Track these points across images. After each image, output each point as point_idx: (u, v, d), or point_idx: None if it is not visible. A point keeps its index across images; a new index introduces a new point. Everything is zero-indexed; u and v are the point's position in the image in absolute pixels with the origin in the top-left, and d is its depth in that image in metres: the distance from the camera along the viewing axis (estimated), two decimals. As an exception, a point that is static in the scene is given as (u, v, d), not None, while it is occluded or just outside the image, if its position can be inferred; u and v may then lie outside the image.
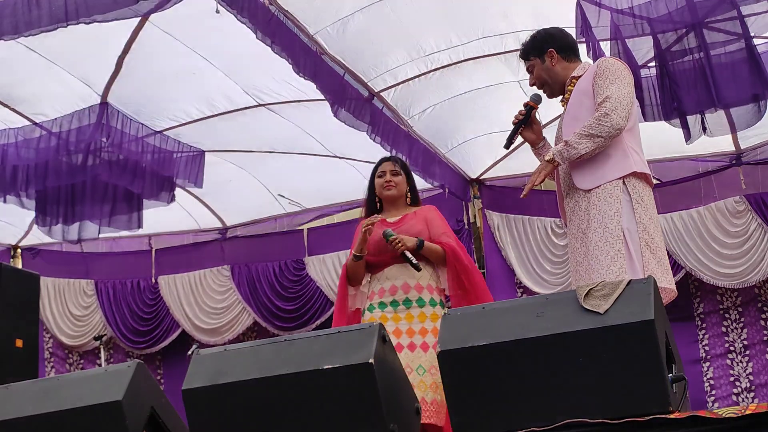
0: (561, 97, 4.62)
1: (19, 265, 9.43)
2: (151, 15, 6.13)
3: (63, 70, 6.95)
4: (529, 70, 4.64)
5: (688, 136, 6.38)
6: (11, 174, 7.49)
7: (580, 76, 4.52)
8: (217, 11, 5.18)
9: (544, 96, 4.70)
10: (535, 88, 4.67)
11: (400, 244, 4.99)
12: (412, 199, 5.39)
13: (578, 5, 6.16)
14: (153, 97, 7.45)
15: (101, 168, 7.58)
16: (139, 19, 6.26)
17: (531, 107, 4.59)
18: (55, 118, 7.36)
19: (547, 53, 4.56)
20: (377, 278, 5.18)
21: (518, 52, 4.71)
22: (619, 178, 4.31)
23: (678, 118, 6.25)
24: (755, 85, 6.00)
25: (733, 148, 8.35)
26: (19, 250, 9.72)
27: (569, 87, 4.54)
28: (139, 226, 8.42)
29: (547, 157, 4.37)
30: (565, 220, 4.59)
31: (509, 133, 4.59)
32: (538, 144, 4.65)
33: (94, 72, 7.05)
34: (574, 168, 4.37)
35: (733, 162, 8.42)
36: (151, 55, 6.79)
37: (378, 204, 5.36)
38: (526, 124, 4.60)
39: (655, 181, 8.69)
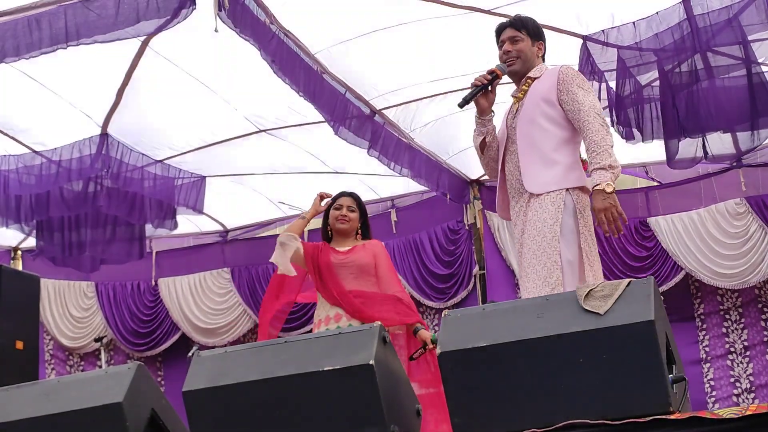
0: (515, 90, 4.59)
1: (20, 267, 9.42)
2: (150, 41, 6.17)
3: (63, 100, 6.94)
4: (515, 39, 4.56)
5: (669, 156, 6.38)
6: (15, 203, 7.53)
7: (536, 78, 4.53)
8: (216, 30, 5.18)
9: None
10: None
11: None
12: (363, 234, 5.69)
13: (584, 44, 6.19)
14: (153, 127, 7.47)
15: (102, 199, 7.62)
16: (139, 45, 6.28)
17: (496, 75, 4.51)
18: (55, 148, 7.38)
19: (538, 43, 4.61)
20: (324, 306, 5.45)
21: (512, 20, 4.64)
22: (567, 189, 4.32)
23: (681, 138, 6.27)
24: (758, 110, 6.00)
25: (734, 151, 8.35)
26: (19, 252, 9.71)
27: (524, 86, 4.53)
28: (141, 256, 8.43)
29: (608, 190, 4.11)
30: (507, 216, 4.59)
31: (468, 93, 4.47)
32: (487, 114, 4.55)
33: (95, 103, 7.06)
34: (526, 170, 4.36)
35: (734, 164, 8.42)
36: (151, 84, 6.81)
37: (330, 233, 5.67)
38: (485, 90, 4.52)
39: (655, 183, 8.74)
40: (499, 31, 4.66)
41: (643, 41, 6.03)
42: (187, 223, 9.56)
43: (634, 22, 6.07)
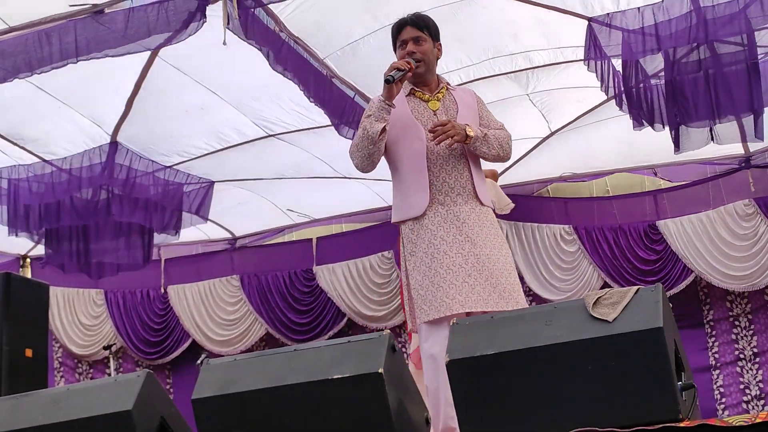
0: (433, 94, 4.47)
1: (29, 275, 9.45)
2: (160, 50, 6.19)
3: (73, 110, 6.96)
4: (418, 40, 4.44)
5: (677, 144, 6.38)
6: (24, 212, 7.56)
7: (450, 89, 4.53)
8: (224, 43, 5.19)
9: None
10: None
11: None
12: None
13: (589, 27, 6.19)
14: (162, 135, 7.50)
15: (112, 207, 7.64)
16: (148, 55, 6.29)
17: (410, 69, 4.34)
18: (65, 157, 7.41)
19: (437, 44, 4.53)
20: None
21: (412, 18, 4.50)
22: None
23: (686, 127, 6.27)
24: (756, 97, 6.00)
25: (743, 151, 8.35)
26: (28, 260, 9.74)
27: (442, 90, 4.48)
28: (147, 262, 8.46)
29: (470, 132, 4.28)
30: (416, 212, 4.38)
31: (394, 71, 4.27)
32: (392, 103, 4.34)
33: (104, 112, 7.09)
34: (478, 178, 4.38)
35: (743, 165, 8.43)
36: (160, 93, 6.83)
37: None
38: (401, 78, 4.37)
39: (663, 184, 8.74)
40: (399, 29, 4.50)
41: (648, 28, 6.03)
42: (196, 231, 9.59)
43: (639, 8, 6.08)
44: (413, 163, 4.38)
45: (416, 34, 4.45)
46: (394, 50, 4.55)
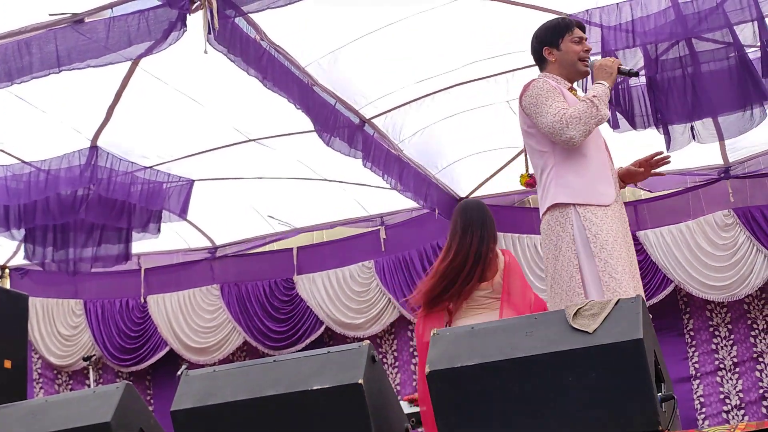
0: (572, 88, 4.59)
1: (7, 285, 9.39)
2: (141, 59, 6.17)
3: (54, 117, 6.92)
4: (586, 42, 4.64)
5: (668, 143, 6.39)
6: (3, 212, 7.51)
7: None
8: (206, 51, 5.18)
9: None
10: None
11: None
12: None
13: None
14: (142, 140, 7.48)
15: (91, 208, 7.60)
16: (130, 64, 6.28)
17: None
18: (45, 160, 7.37)
19: None
20: None
21: (582, 23, 4.70)
22: None
23: (666, 127, 6.29)
24: (745, 94, 6.02)
25: (722, 162, 8.38)
26: (7, 270, 9.68)
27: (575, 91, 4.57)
28: (127, 259, 8.41)
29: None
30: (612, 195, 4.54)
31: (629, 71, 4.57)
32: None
33: (85, 119, 7.05)
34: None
35: (722, 175, 8.45)
36: (140, 99, 6.80)
37: None
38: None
39: (643, 194, 8.76)
40: (573, 26, 4.59)
41: (624, 24, 6.06)
42: (176, 239, 9.55)
43: (618, 4, 6.10)
44: (601, 156, 4.49)
45: (585, 37, 4.60)
46: (555, 42, 4.53)
